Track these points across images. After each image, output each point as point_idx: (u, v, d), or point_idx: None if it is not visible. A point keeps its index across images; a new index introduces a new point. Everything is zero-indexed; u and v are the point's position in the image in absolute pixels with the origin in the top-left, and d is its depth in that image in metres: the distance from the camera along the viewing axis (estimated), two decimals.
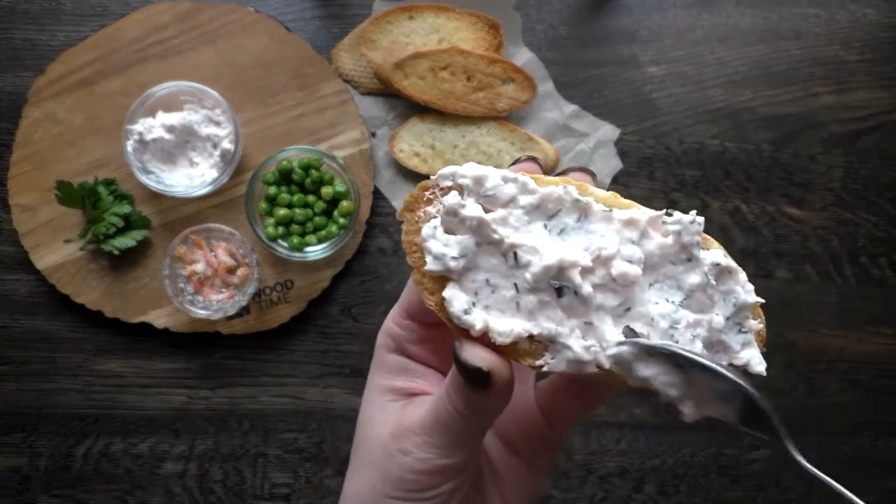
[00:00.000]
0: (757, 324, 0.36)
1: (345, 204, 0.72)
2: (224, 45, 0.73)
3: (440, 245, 0.34)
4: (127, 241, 0.70)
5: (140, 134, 0.69)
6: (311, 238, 0.72)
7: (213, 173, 0.70)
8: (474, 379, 0.31)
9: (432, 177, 0.35)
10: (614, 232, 0.35)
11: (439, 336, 0.37)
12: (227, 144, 0.69)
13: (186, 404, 0.74)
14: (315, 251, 0.71)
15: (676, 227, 0.35)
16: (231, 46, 0.73)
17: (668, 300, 0.36)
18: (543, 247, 0.34)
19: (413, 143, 0.74)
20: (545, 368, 0.34)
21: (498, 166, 0.79)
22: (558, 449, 0.38)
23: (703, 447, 0.78)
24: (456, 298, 0.34)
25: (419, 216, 0.36)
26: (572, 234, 0.35)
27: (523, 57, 0.76)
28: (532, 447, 0.38)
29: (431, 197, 0.36)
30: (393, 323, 0.38)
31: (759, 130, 0.78)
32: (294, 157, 0.71)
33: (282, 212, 0.71)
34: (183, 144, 0.70)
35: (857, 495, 0.29)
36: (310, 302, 0.74)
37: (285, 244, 0.71)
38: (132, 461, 0.74)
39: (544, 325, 0.34)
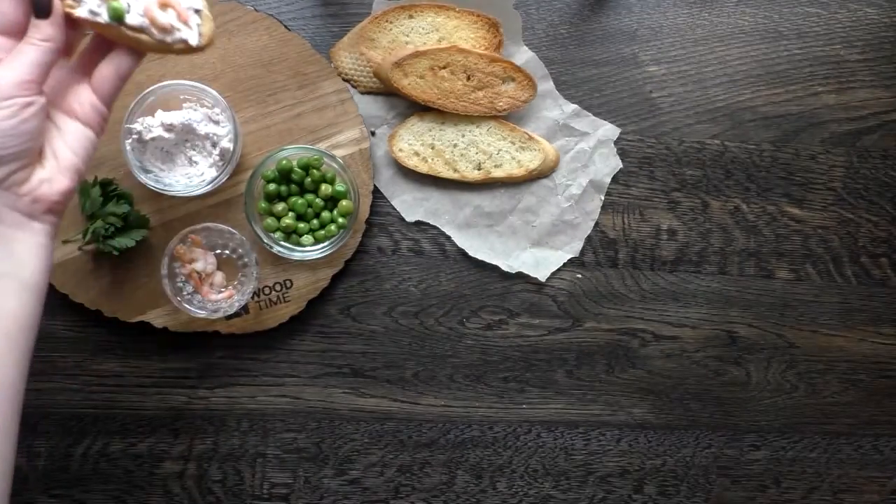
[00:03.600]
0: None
1: (344, 203, 0.71)
2: (223, 43, 0.73)
3: None
4: (126, 241, 0.70)
5: (139, 133, 0.68)
6: (311, 237, 0.72)
7: (213, 172, 0.70)
8: (43, 3, 0.45)
9: None
10: None
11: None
12: (226, 143, 0.69)
13: (185, 404, 0.74)
14: (314, 251, 0.71)
15: None
16: (230, 45, 0.73)
17: None
18: None
19: (412, 142, 0.74)
20: (70, 10, 0.47)
21: (497, 166, 0.79)
22: (108, 111, 0.52)
23: (704, 447, 0.78)
24: None
25: None
26: None
27: (523, 56, 0.75)
28: (87, 112, 0.50)
29: None
30: None
31: (759, 130, 0.78)
32: (293, 156, 0.71)
33: (281, 211, 0.71)
34: (182, 143, 0.70)
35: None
36: (309, 301, 0.74)
37: (285, 243, 0.71)
38: (131, 461, 0.74)
39: None
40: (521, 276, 0.76)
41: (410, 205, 0.75)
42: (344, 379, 0.75)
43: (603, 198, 0.77)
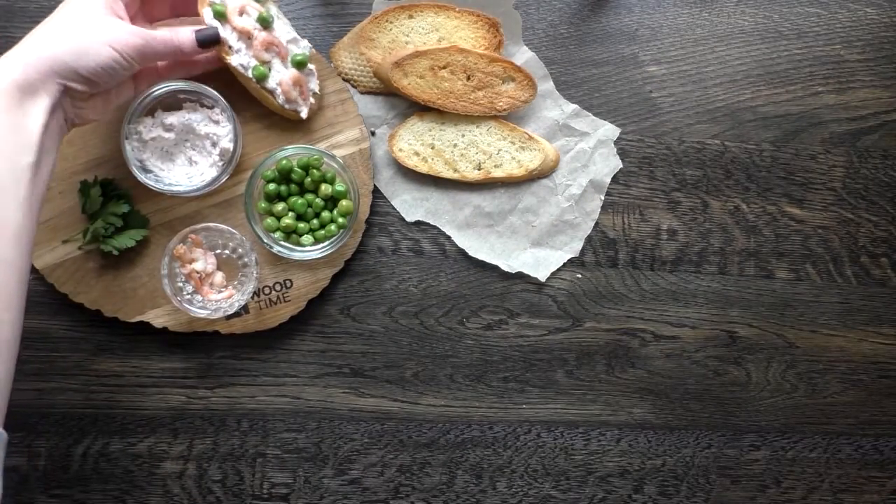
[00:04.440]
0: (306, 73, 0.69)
1: (344, 203, 0.71)
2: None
3: None
4: (126, 240, 0.70)
5: (139, 133, 0.68)
6: (311, 237, 0.71)
7: (213, 172, 0.70)
8: (210, 41, 0.64)
9: None
10: None
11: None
12: (226, 143, 0.69)
13: (185, 404, 0.74)
14: (314, 250, 0.71)
15: None
16: None
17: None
18: None
19: (412, 142, 0.74)
20: (225, 55, 0.65)
21: (497, 166, 0.79)
22: (162, 77, 0.68)
23: (704, 447, 0.78)
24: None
25: None
26: None
27: (523, 56, 0.75)
28: (144, 84, 0.67)
29: None
30: None
31: (759, 130, 0.78)
32: (293, 156, 0.71)
33: (281, 211, 0.71)
34: (182, 143, 0.70)
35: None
36: (309, 301, 0.74)
37: (285, 243, 0.71)
38: (131, 461, 0.74)
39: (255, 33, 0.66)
40: (521, 276, 0.76)
41: (410, 205, 0.75)
42: (344, 379, 0.75)
43: (603, 198, 0.77)
